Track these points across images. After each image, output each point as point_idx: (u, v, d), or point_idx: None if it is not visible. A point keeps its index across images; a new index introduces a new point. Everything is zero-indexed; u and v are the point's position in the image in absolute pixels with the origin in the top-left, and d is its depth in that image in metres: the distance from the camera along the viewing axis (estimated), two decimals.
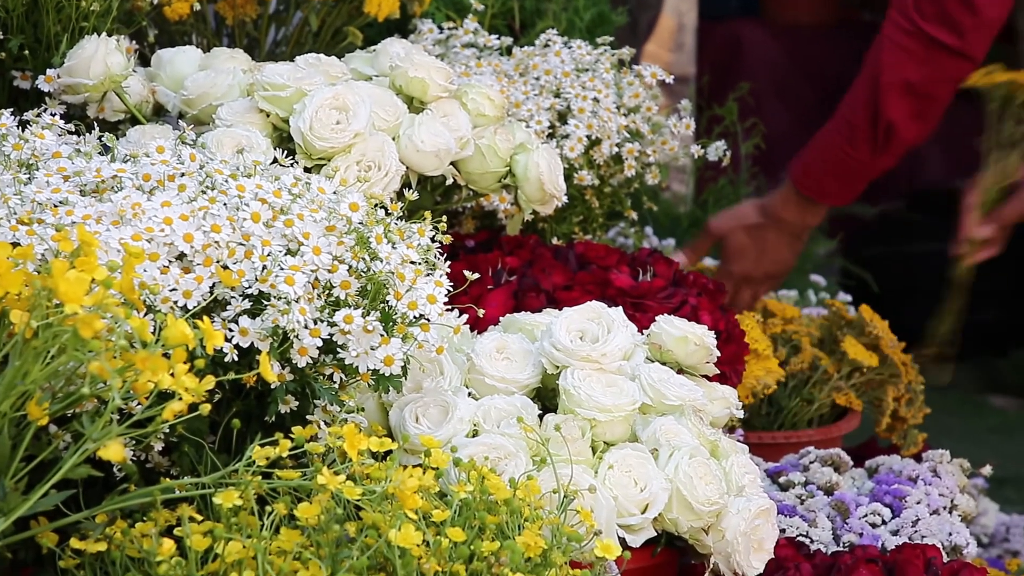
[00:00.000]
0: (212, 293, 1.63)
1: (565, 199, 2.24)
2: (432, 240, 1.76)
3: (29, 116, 1.88)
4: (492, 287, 2.17)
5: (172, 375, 1.41)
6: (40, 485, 1.43)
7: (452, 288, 1.75)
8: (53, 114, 1.88)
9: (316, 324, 1.64)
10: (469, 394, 1.90)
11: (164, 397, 1.43)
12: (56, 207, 1.63)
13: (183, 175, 1.71)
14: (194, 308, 1.61)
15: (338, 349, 1.66)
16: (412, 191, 1.96)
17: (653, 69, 2.47)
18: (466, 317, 1.98)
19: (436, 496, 1.60)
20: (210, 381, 1.46)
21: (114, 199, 1.65)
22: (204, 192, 1.69)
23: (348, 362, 1.67)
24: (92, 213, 1.63)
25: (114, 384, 1.39)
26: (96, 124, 2.00)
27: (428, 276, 1.72)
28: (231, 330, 1.63)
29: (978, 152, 2.58)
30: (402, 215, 1.78)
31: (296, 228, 1.67)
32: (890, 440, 2.60)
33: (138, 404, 1.47)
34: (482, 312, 1.94)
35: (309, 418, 1.71)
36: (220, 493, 1.50)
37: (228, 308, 1.64)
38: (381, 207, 1.76)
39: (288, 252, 1.66)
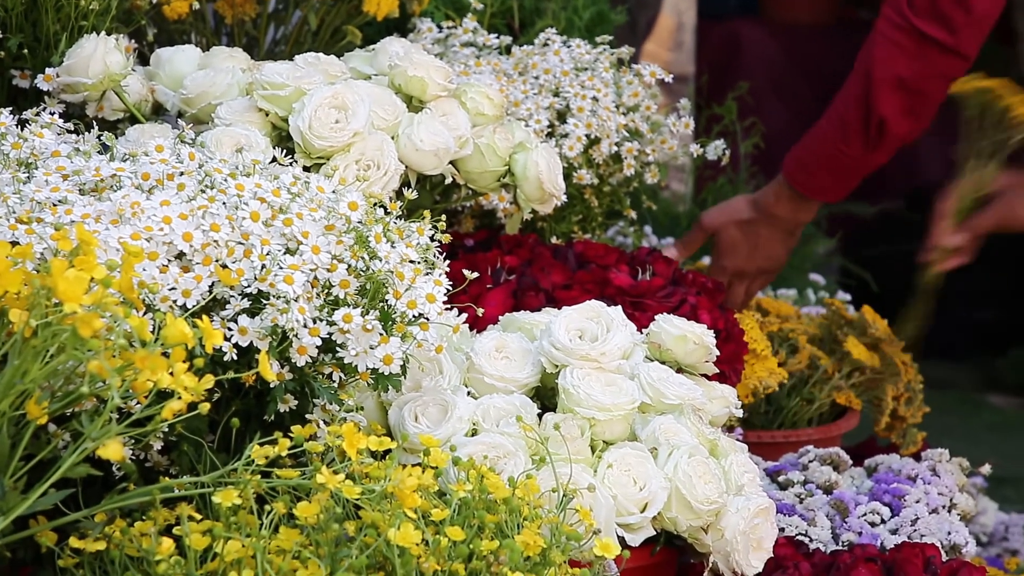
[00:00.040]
0: (211, 292, 1.63)
1: (564, 198, 2.24)
2: (431, 239, 1.76)
3: (28, 115, 1.88)
4: (491, 286, 2.16)
5: (171, 374, 1.41)
6: (39, 484, 1.43)
7: (451, 287, 1.75)
8: (52, 113, 1.88)
9: (315, 323, 1.64)
10: (468, 393, 1.90)
11: (163, 396, 1.43)
12: (55, 206, 1.63)
13: (182, 174, 1.71)
14: (193, 307, 1.61)
15: (337, 348, 1.66)
16: (411, 190, 1.96)
17: (652, 68, 2.47)
18: (465, 316, 1.98)
19: (435, 495, 1.60)
20: (209, 380, 1.46)
21: (113, 198, 1.65)
22: (203, 191, 1.69)
23: (347, 361, 1.67)
24: (91, 212, 1.63)
25: (113, 383, 1.39)
26: (95, 123, 2.00)
27: (427, 275, 1.72)
28: (230, 329, 1.63)
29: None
30: (401, 214, 1.78)
31: (295, 227, 1.67)
32: (889, 439, 2.60)
33: (137, 403, 1.47)
34: (481, 311, 1.94)
35: (308, 417, 1.71)
36: (219, 492, 1.50)
37: (227, 307, 1.64)
38: (380, 206, 1.76)
39: (287, 251, 1.66)
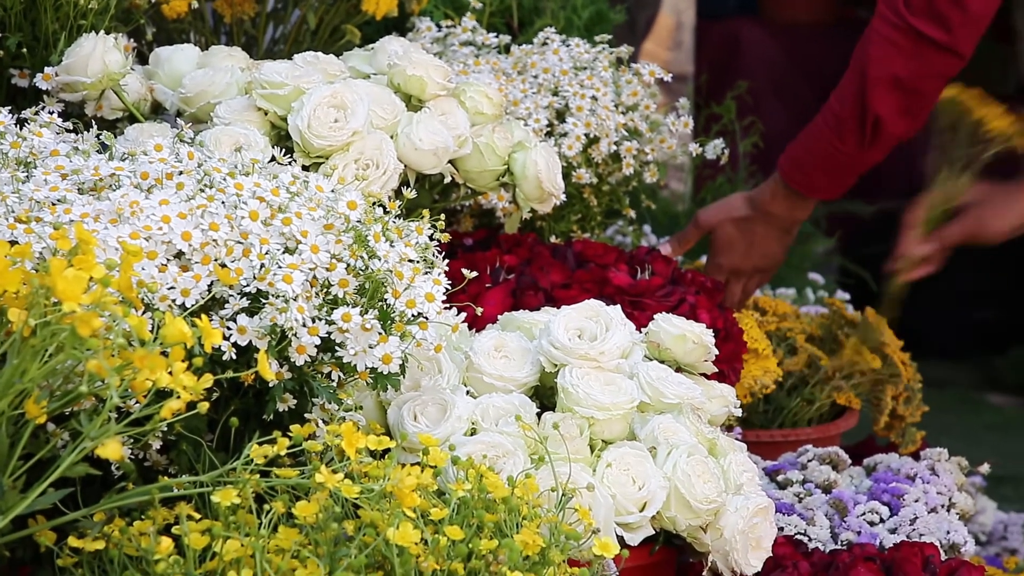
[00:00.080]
0: (210, 291, 1.63)
1: (563, 197, 2.24)
2: (430, 238, 1.76)
3: (27, 114, 1.88)
4: (490, 285, 2.16)
5: (170, 373, 1.41)
6: (38, 483, 1.43)
7: (450, 286, 1.75)
8: (51, 112, 1.88)
9: (314, 322, 1.64)
10: (467, 392, 1.89)
11: (162, 395, 1.43)
12: (54, 205, 1.63)
13: (181, 173, 1.71)
14: (192, 306, 1.61)
15: (336, 347, 1.66)
16: (410, 189, 1.96)
17: (651, 67, 2.47)
18: (464, 315, 1.98)
19: (434, 494, 1.60)
20: (208, 379, 1.46)
21: (112, 197, 1.65)
22: (202, 190, 1.69)
23: (346, 360, 1.67)
24: (90, 211, 1.62)
25: (112, 382, 1.38)
26: (94, 122, 2.00)
27: (426, 274, 1.72)
28: (229, 328, 1.63)
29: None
30: (400, 213, 1.78)
31: (294, 226, 1.67)
32: (888, 438, 2.60)
33: (136, 402, 1.47)
34: (480, 310, 1.94)
35: (307, 416, 1.71)
36: (218, 491, 1.50)
37: (226, 306, 1.64)
38: (379, 205, 1.76)
39: (286, 250, 1.66)
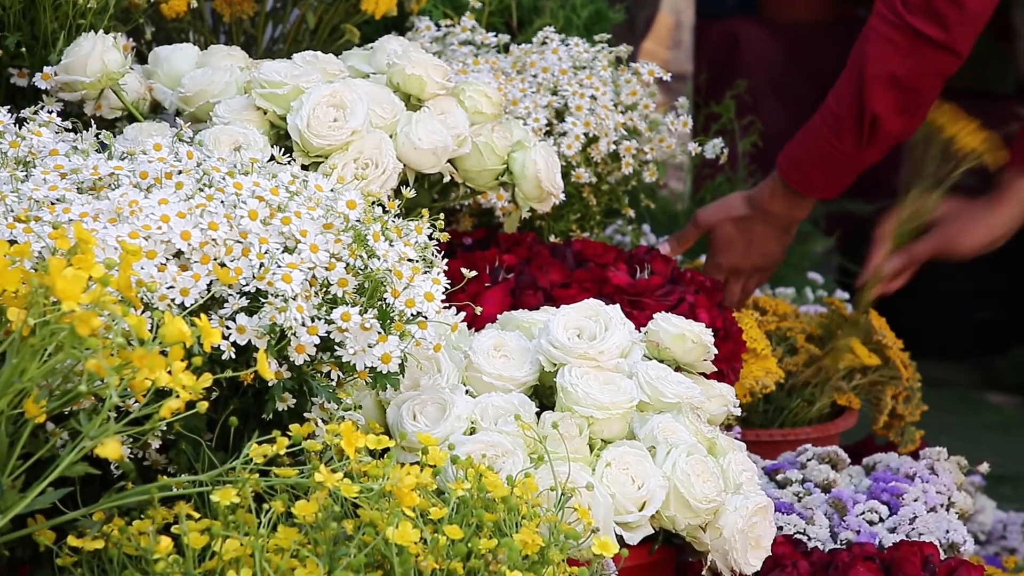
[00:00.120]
0: (209, 291, 1.63)
1: (562, 197, 2.24)
2: (429, 238, 1.76)
3: (26, 113, 1.88)
4: (489, 285, 2.16)
5: (169, 373, 1.41)
6: (37, 483, 1.43)
7: (449, 286, 1.75)
8: (50, 111, 1.88)
9: (313, 322, 1.64)
10: (467, 392, 1.89)
11: (161, 395, 1.43)
12: (53, 205, 1.63)
13: (180, 173, 1.71)
14: (191, 306, 1.61)
15: (335, 347, 1.66)
16: (409, 188, 1.96)
17: (651, 67, 2.46)
18: (464, 315, 1.98)
19: (434, 494, 1.60)
20: (207, 379, 1.46)
21: (111, 197, 1.65)
22: (201, 190, 1.69)
23: (345, 360, 1.67)
24: (89, 211, 1.62)
25: (111, 382, 1.38)
26: (93, 122, 2.00)
27: (425, 274, 1.72)
28: (228, 328, 1.63)
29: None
30: (399, 213, 1.78)
31: (293, 226, 1.67)
32: (887, 437, 2.60)
33: (135, 402, 1.47)
34: (479, 310, 1.94)
35: (307, 416, 1.71)
36: (217, 491, 1.50)
37: (225, 306, 1.64)
38: (378, 205, 1.76)
39: (285, 250, 1.66)
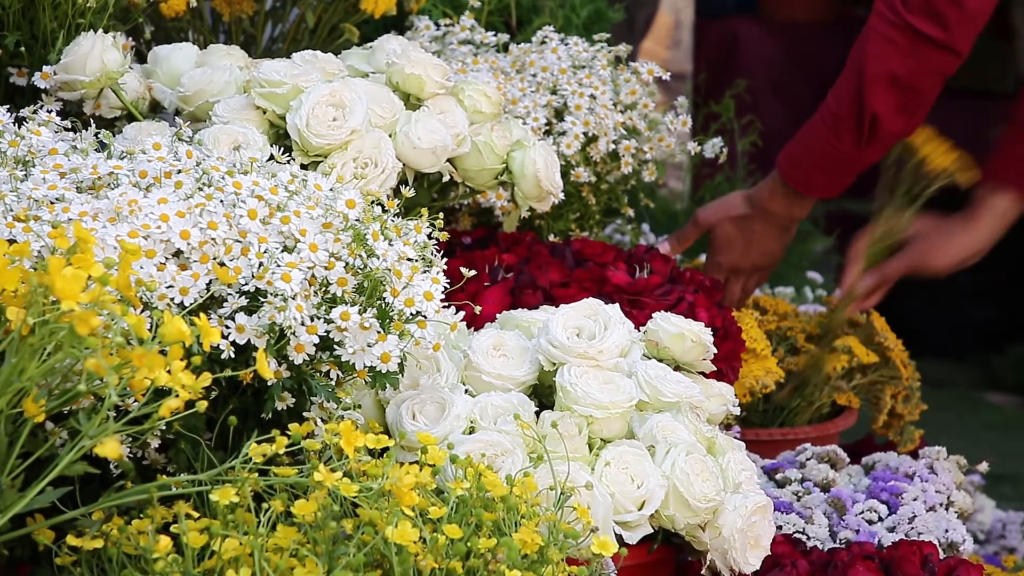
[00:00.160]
0: (209, 290, 1.63)
1: (562, 196, 2.24)
2: (429, 237, 1.76)
3: (25, 113, 1.88)
4: (489, 284, 2.16)
5: (169, 372, 1.41)
6: (36, 482, 1.43)
7: (449, 285, 1.75)
8: (49, 111, 1.88)
9: (313, 321, 1.64)
10: (466, 391, 1.89)
11: (160, 394, 1.43)
12: (52, 204, 1.63)
13: (180, 172, 1.71)
14: (191, 305, 1.61)
15: (335, 346, 1.66)
16: (409, 188, 1.96)
17: (650, 66, 2.46)
18: (463, 314, 1.98)
19: (433, 493, 1.60)
20: (207, 378, 1.46)
21: (110, 196, 1.65)
22: (201, 189, 1.68)
23: (345, 359, 1.67)
24: (88, 210, 1.62)
25: (110, 381, 1.38)
26: (92, 121, 2.00)
27: (425, 273, 1.72)
28: (228, 327, 1.63)
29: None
30: (399, 212, 1.78)
31: (293, 225, 1.67)
32: (887, 437, 2.60)
33: (134, 401, 1.47)
34: (479, 309, 1.94)
35: (306, 415, 1.71)
36: (217, 490, 1.50)
37: (225, 305, 1.64)
38: (378, 204, 1.76)
39: (285, 249, 1.66)
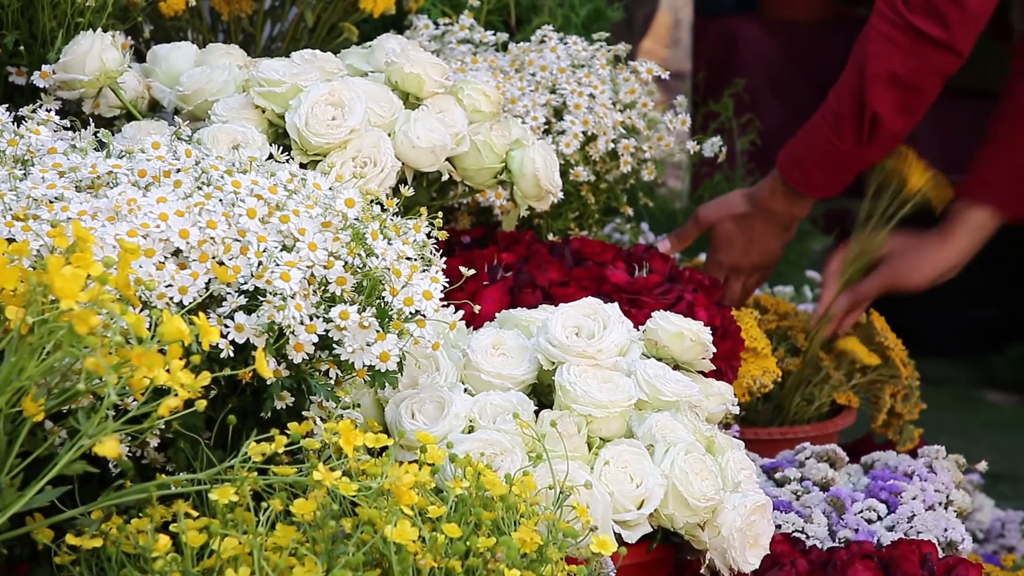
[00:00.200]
0: (208, 289, 1.63)
1: (561, 195, 2.24)
2: (428, 236, 1.77)
3: (24, 112, 1.88)
4: (488, 283, 2.16)
5: (168, 371, 1.41)
6: (36, 481, 1.43)
7: (448, 284, 1.75)
8: (48, 110, 1.88)
9: (312, 320, 1.64)
10: (465, 390, 1.89)
11: (160, 393, 1.43)
12: (52, 203, 1.63)
13: (179, 171, 1.71)
14: (190, 304, 1.61)
15: (334, 345, 1.66)
16: (408, 187, 1.96)
17: (649, 65, 2.46)
18: (462, 313, 1.98)
19: (432, 492, 1.60)
20: (206, 377, 1.46)
21: (110, 195, 1.65)
22: (200, 188, 1.68)
23: (344, 358, 1.67)
24: (88, 209, 1.62)
25: (110, 380, 1.38)
26: (92, 120, 2.00)
27: (424, 272, 1.72)
28: (227, 326, 1.63)
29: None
30: (398, 211, 1.78)
31: (292, 224, 1.67)
32: (886, 436, 2.60)
33: (134, 400, 1.47)
34: (478, 308, 1.94)
35: (305, 414, 1.71)
36: (216, 489, 1.50)
37: (224, 304, 1.64)
38: (377, 203, 1.76)
39: (284, 248, 1.66)
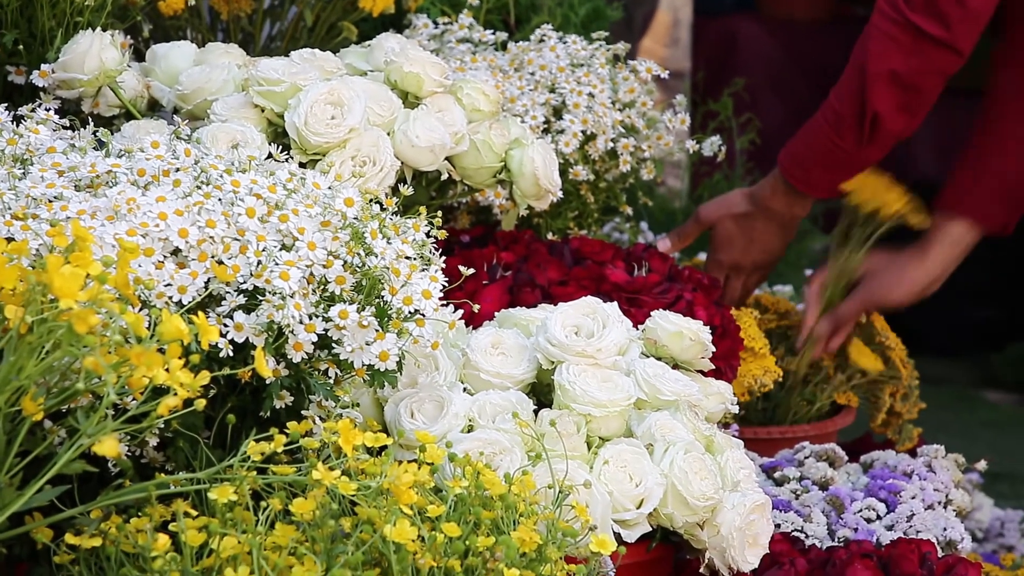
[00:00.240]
0: (207, 288, 1.63)
1: (560, 194, 2.24)
2: (427, 235, 1.77)
3: (24, 111, 1.88)
4: (487, 282, 2.16)
5: (167, 370, 1.41)
6: (35, 480, 1.43)
7: (447, 283, 1.75)
8: (48, 109, 1.87)
9: (311, 319, 1.64)
10: (464, 389, 1.89)
11: (159, 392, 1.43)
12: (51, 202, 1.63)
13: (178, 170, 1.71)
14: (189, 303, 1.61)
15: (333, 344, 1.66)
16: (407, 186, 1.96)
17: (648, 64, 2.46)
18: (461, 312, 1.98)
19: (431, 491, 1.60)
20: (205, 376, 1.46)
21: (109, 194, 1.65)
22: (199, 187, 1.68)
23: (343, 357, 1.67)
24: (87, 208, 1.62)
25: (109, 379, 1.38)
26: (91, 119, 2.00)
27: (423, 271, 1.72)
28: (226, 325, 1.63)
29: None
30: (397, 210, 1.78)
31: (291, 223, 1.67)
32: (885, 435, 2.60)
33: (133, 399, 1.47)
34: (477, 307, 1.94)
35: (304, 413, 1.71)
36: (215, 488, 1.50)
37: (223, 303, 1.64)
38: (376, 202, 1.76)
39: (283, 247, 1.66)
